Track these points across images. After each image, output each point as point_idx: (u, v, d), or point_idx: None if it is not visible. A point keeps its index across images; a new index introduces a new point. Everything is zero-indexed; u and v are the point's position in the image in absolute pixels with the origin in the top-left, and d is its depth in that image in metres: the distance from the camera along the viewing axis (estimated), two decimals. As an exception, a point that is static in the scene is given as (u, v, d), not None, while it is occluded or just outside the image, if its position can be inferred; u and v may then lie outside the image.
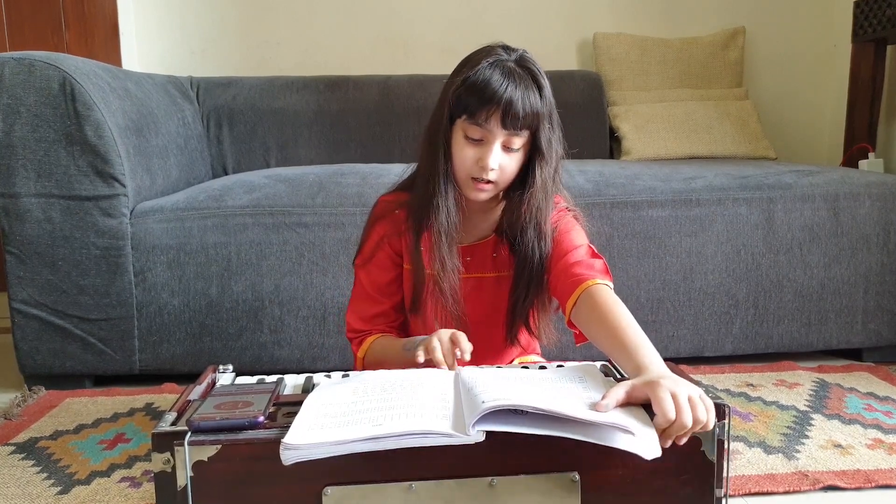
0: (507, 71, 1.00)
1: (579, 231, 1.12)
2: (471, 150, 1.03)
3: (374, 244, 1.15)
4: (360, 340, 1.15)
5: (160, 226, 1.56)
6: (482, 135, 1.02)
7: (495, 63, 1.01)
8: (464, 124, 1.02)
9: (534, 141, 1.04)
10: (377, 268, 1.16)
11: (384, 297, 1.16)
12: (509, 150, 1.03)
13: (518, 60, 1.03)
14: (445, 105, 1.04)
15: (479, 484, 0.76)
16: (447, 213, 1.06)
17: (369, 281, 1.16)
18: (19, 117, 1.49)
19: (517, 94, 0.99)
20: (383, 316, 1.17)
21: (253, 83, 2.23)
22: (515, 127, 1.00)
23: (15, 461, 1.23)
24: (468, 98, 1.01)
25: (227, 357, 1.58)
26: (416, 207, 1.09)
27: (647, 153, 2.19)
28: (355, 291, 1.19)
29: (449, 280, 1.07)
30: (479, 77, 1.00)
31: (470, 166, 1.03)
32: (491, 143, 1.01)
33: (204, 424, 0.76)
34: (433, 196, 1.06)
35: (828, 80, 2.56)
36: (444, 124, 1.04)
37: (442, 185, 1.06)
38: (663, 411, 0.73)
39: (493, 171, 1.02)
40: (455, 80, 1.03)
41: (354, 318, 1.17)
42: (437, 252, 1.07)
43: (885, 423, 1.34)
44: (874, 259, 1.71)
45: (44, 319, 1.56)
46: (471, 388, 0.81)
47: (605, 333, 0.92)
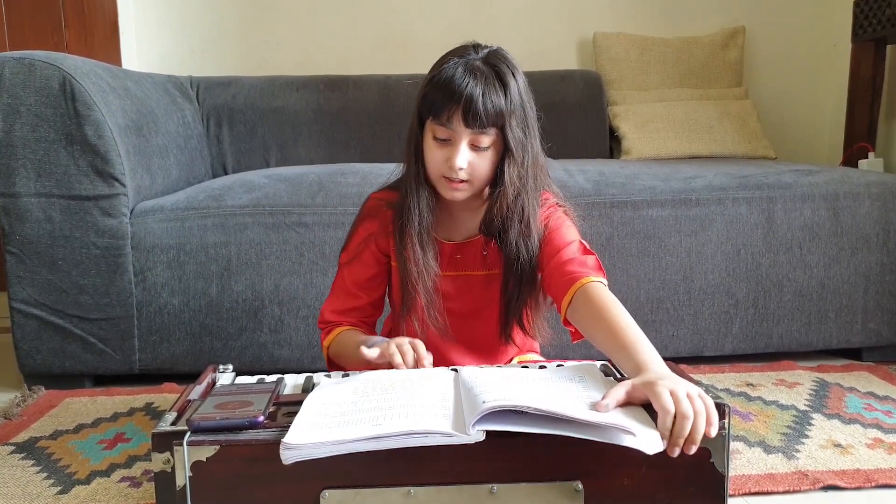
0: (471, 69, 1.00)
1: (570, 227, 1.11)
2: (439, 150, 1.03)
3: (360, 240, 1.16)
4: (329, 331, 1.17)
5: (160, 225, 1.56)
6: (448, 134, 1.02)
7: (459, 62, 1.01)
8: (432, 125, 1.03)
9: (503, 139, 1.03)
10: (360, 263, 1.17)
11: (362, 293, 1.18)
12: (478, 148, 1.03)
13: (485, 58, 1.02)
14: (417, 107, 1.05)
15: (479, 491, 0.75)
16: (419, 214, 1.07)
17: (350, 276, 1.17)
18: (19, 117, 1.49)
19: (477, 91, 0.98)
20: (358, 311, 1.18)
21: (253, 83, 2.23)
22: (478, 125, 0.99)
23: (15, 461, 1.23)
24: (433, 97, 1.01)
25: (226, 357, 1.58)
26: (397, 209, 1.10)
27: (646, 153, 2.19)
28: (335, 284, 1.20)
29: (423, 281, 1.08)
30: (442, 76, 1.00)
31: (440, 166, 1.04)
32: (458, 142, 1.01)
33: (204, 424, 0.76)
34: (405, 197, 1.07)
35: (828, 80, 2.55)
36: (415, 126, 1.05)
37: (414, 186, 1.07)
38: (662, 404, 0.73)
39: (461, 170, 1.02)
40: (424, 80, 1.04)
41: (328, 309, 1.19)
42: (412, 253, 1.07)
43: (884, 423, 1.34)
44: (874, 259, 1.71)
45: (44, 319, 1.56)
46: (471, 388, 0.81)
47: (603, 333, 0.92)
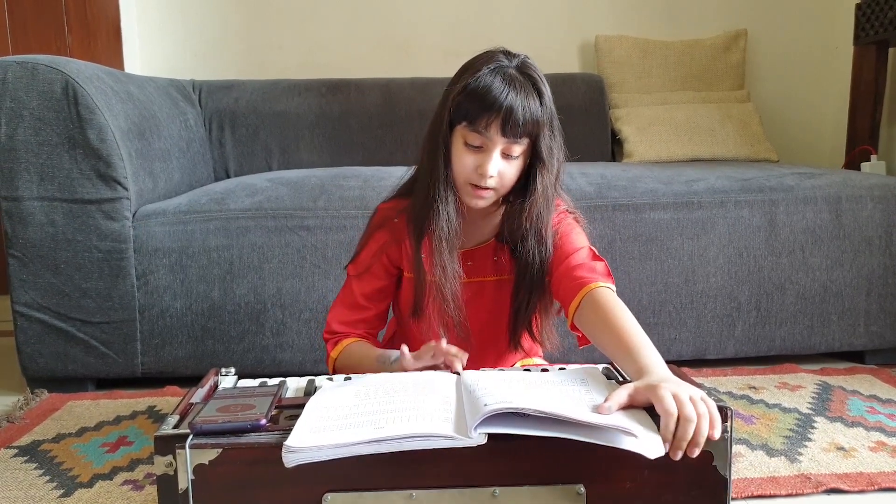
0: (509, 78, 0.99)
1: (580, 233, 1.12)
2: (470, 156, 1.02)
3: (370, 253, 1.15)
4: (336, 342, 1.16)
5: (162, 229, 1.56)
6: (482, 142, 1.01)
7: (496, 69, 1.00)
8: (464, 131, 1.02)
9: (534, 148, 1.03)
10: (370, 275, 1.16)
11: (370, 304, 1.17)
12: (509, 157, 1.02)
13: (519, 67, 1.01)
14: (446, 111, 1.03)
15: (481, 494, 0.75)
16: (447, 218, 1.05)
17: (359, 288, 1.16)
18: (22, 121, 1.49)
19: (518, 101, 0.98)
20: (365, 322, 1.17)
21: (255, 86, 2.23)
22: (515, 135, 0.99)
23: (17, 464, 1.23)
24: (468, 105, 1.00)
25: (229, 360, 1.58)
26: (417, 213, 1.09)
27: (648, 156, 2.19)
28: (342, 295, 1.19)
29: (450, 286, 1.07)
30: (479, 84, 0.99)
31: (469, 173, 1.03)
32: (490, 150, 1.01)
33: (206, 427, 0.76)
34: (433, 202, 1.05)
35: (830, 83, 2.55)
36: (443, 130, 1.04)
37: (442, 190, 1.05)
38: (665, 407, 0.73)
39: (492, 178, 1.02)
40: (455, 87, 1.02)
41: (335, 320, 1.17)
42: (438, 258, 1.06)
43: (888, 426, 1.34)
44: (876, 261, 1.70)
45: (46, 322, 1.56)
46: (473, 391, 0.80)
47: (608, 337, 0.92)
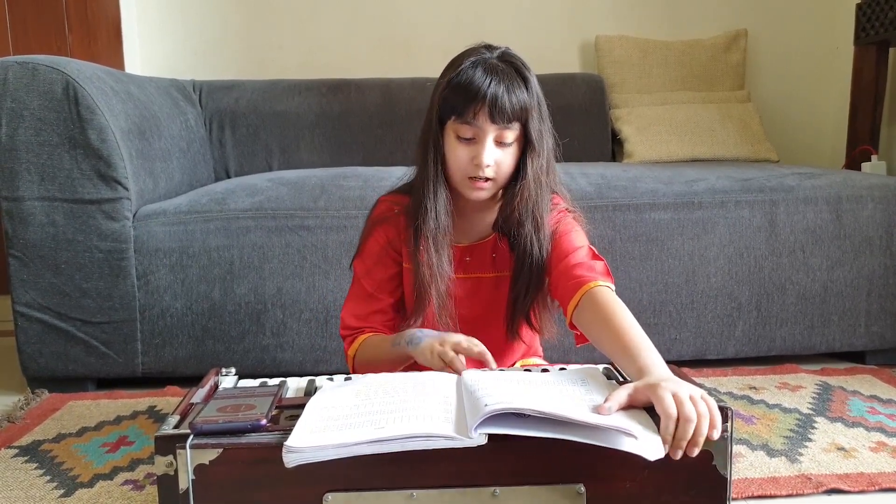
0: (490, 67, 1.02)
1: (579, 232, 1.12)
2: (464, 149, 1.04)
3: (374, 244, 1.16)
4: (353, 339, 1.15)
5: (163, 229, 1.57)
6: (473, 132, 1.03)
7: (477, 62, 1.03)
8: (454, 125, 1.04)
9: (525, 133, 1.05)
10: (378, 265, 1.15)
11: (383, 294, 1.16)
12: (503, 144, 1.04)
13: (500, 56, 1.04)
14: (433, 109, 1.06)
15: (481, 493, 0.75)
16: (436, 216, 1.07)
17: (369, 278, 1.16)
18: (23, 121, 1.49)
19: (501, 87, 1.00)
20: (380, 313, 1.16)
21: (255, 86, 2.24)
22: (504, 120, 1.01)
23: (18, 464, 1.23)
24: (454, 99, 1.02)
25: (229, 360, 1.58)
26: (412, 212, 1.10)
27: (649, 156, 2.19)
28: (352, 291, 1.19)
29: (437, 284, 1.08)
30: (462, 77, 1.02)
31: (465, 166, 1.04)
32: (483, 139, 1.02)
33: (207, 427, 0.76)
34: (423, 199, 1.07)
35: (830, 83, 2.55)
36: (433, 129, 1.06)
37: (432, 188, 1.07)
38: (665, 408, 0.73)
39: (488, 167, 1.03)
40: (440, 83, 1.05)
41: (349, 315, 1.17)
42: (427, 256, 1.07)
43: (888, 426, 1.34)
44: (877, 262, 1.70)
45: (47, 322, 1.56)
46: (473, 392, 0.80)
47: (608, 336, 0.92)
